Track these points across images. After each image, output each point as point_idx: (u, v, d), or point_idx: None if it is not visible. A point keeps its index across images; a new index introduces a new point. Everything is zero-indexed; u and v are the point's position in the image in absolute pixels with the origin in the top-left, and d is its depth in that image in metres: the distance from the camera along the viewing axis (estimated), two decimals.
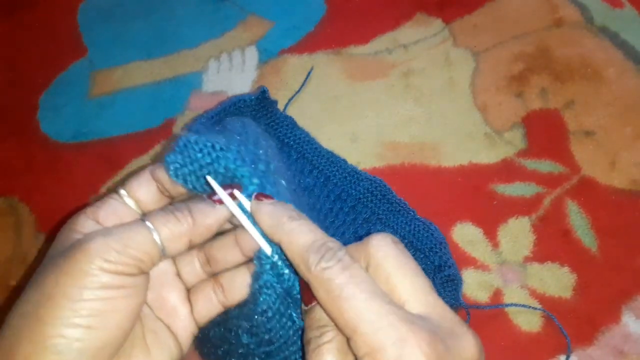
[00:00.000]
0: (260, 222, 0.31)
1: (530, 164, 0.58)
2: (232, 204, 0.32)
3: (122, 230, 0.28)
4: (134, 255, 0.27)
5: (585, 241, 0.53)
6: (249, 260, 0.34)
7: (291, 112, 0.64)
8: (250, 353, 0.36)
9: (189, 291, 0.34)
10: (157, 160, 0.34)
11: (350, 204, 0.54)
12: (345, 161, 0.57)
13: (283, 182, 0.35)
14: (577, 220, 0.54)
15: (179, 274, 0.34)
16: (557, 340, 0.49)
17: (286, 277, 0.32)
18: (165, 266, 0.33)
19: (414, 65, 0.67)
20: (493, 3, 0.71)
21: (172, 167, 0.32)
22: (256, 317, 0.33)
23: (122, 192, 0.32)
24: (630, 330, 0.49)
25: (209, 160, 0.32)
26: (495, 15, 0.70)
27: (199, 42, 0.72)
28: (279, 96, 0.65)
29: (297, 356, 0.35)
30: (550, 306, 0.50)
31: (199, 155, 0.32)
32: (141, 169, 0.33)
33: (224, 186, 0.32)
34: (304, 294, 0.29)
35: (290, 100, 0.65)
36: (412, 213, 0.53)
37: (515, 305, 0.50)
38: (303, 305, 0.30)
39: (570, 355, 0.48)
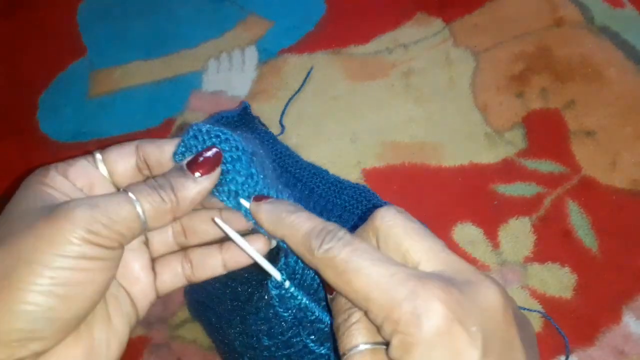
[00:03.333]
0: (260, 221, 0.31)
1: (531, 164, 0.58)
2: (239, 238, 0.32)
3: (107, 203, 0.27)
4: (118, 230, 0.27)
5: (586, 241, 0.53)
6: (224, 239, 0.34)
7: (291, 112, 0.64)
8: (273, 356, 0.36)
9: (154, 260, 0.34)
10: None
11: (337, 213, 0.53)
12: (327, 172, 0.57)
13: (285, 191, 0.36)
14: (578, 220, 0.54)
15: (146, 242, 0.34)
16: (558, 340, 0.49)
17: (298, 302, 0.32)
18: None
19: (414, 65, 0.67)
20: (493, 3, 0.71)
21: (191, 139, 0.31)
22: (272, 320, 0.34)
23: (98, 156, 0.31)
24: (631, 330, 0.49)
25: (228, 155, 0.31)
26: (496, 15, 0.70)
27: (199, 42, 0.72)
28: (279, 96, 0.65)
29: None
30: (550, 306, 0.50)
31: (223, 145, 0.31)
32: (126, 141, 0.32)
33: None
34: (327, 284, 0.29)
35: (290, 100, 0.64)
36: None
37: None
38: (328, 295, 0.30)
39: (570, 356, 0.48)
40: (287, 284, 0.32)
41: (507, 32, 0.68)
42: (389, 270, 0.25)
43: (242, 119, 0.57)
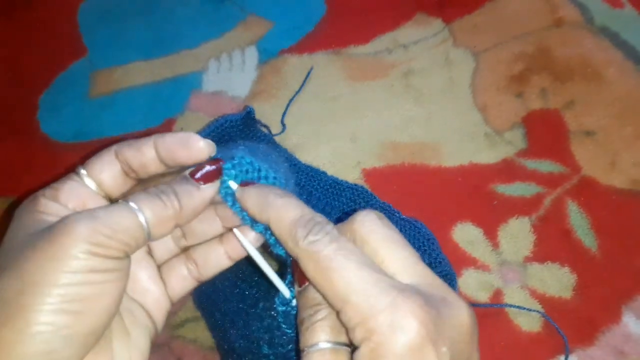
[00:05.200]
0: (247, 204, 0.30)
1: (531, 164, 0.58)
2: (254, 251, 0.31)
3: (108, 214, 0.26)
4: (122, 239, 0.26)
5: (586, 241, 0.53)
6: (224, 232, 0.34)
7: (291, 112, 0.64)
8: None
9: (159, 267, 0.33)
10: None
11: (335, 216, 0.53)
12: (325, 173, 0.57)
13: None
14: (578, 220, 0.54)
15: (149, 251, 0.33)
16: (557, 340, 0.49)
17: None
18: None
19: (414, 65, 0.67)
20: (493, 3, 0.71)
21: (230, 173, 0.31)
22: (275, 331, 0.34)
23: (82, 171, 0.30)
24: (631, 330, 0.49)
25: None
26: (496, 15, 0.70)
27: (199, 42, 0.72)
28: (279, 96, 0.65)
29: None
30: (550, 306, 0.50)
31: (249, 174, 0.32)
32: (104, 148, 0.31)
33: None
34: (298, 274, 0.29)
35: (291, 100, 0.64)
36: (397, 215, 0.52)
37: (511, 305, 0.50)
38: (297, 286, 0.29)
39: (570, 356, 0.48)
40: (294, 302, 0.31)
41: (507, 32, 0.68)
42: (373, 276, 0.25)
43: (245, 122, 0.57)
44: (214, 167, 0.31)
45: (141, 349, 0.29)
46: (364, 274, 0.25)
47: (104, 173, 0.30)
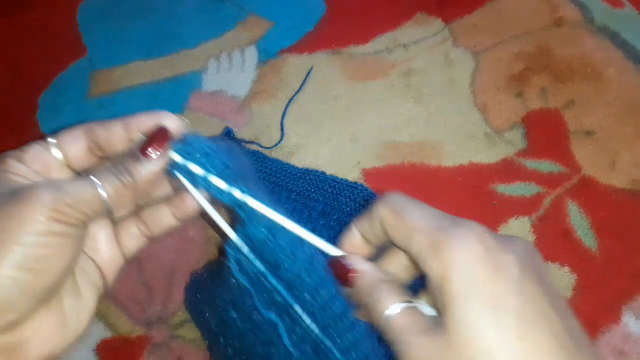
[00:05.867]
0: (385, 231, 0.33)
1: (531, 163, 0.58)
2: (200, 197, 0.33)
3: (72, 186, 0.29)
4: (82, 210, 0.29)
5: (586, 241, 0.53)
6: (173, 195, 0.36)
7: (291, 112, 0.64)
8: (242, 334, 0.38)
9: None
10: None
11: (335, 216, 0.54)
12: (324, 174, 0.57)
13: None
14: (578, 220, 0.54)
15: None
16: None
17: (255, 269, 0.33)
18: None
19: (414, 65, 0.67)
20: (493, 3, 0.71)
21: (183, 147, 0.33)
22: (234, 289, 0.35)
23: (51, 140, 0.33)
24: (631, 330, 0.49)
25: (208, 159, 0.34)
26: (496, 15, 0.70)
27: (199, 42, 0.72)
28: (279, 96, 0.65)
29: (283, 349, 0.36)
30: None
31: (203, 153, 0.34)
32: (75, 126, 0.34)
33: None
34: (341, 275, 0.32)
35: (290, 100, 0.64)
36: None
37: None
38: (348, 289, 0.32)
39: None
40: (245, 249, 0.33)
41: (507, 32, 0.68)
42: (437, 213, 0.30)
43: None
44: (157, 132, 0.33)
45: (89, 305, 0.32)
46: (429, 212, 0.30)
47: (71, 146, 0.33)
